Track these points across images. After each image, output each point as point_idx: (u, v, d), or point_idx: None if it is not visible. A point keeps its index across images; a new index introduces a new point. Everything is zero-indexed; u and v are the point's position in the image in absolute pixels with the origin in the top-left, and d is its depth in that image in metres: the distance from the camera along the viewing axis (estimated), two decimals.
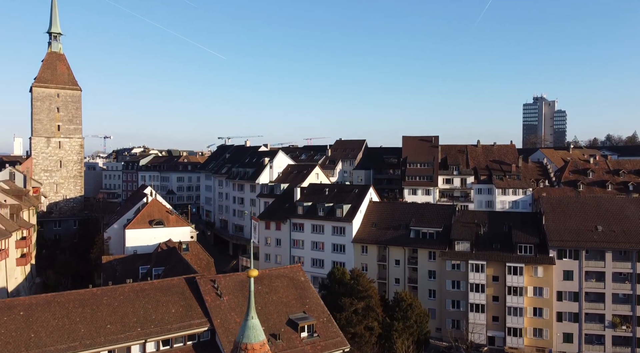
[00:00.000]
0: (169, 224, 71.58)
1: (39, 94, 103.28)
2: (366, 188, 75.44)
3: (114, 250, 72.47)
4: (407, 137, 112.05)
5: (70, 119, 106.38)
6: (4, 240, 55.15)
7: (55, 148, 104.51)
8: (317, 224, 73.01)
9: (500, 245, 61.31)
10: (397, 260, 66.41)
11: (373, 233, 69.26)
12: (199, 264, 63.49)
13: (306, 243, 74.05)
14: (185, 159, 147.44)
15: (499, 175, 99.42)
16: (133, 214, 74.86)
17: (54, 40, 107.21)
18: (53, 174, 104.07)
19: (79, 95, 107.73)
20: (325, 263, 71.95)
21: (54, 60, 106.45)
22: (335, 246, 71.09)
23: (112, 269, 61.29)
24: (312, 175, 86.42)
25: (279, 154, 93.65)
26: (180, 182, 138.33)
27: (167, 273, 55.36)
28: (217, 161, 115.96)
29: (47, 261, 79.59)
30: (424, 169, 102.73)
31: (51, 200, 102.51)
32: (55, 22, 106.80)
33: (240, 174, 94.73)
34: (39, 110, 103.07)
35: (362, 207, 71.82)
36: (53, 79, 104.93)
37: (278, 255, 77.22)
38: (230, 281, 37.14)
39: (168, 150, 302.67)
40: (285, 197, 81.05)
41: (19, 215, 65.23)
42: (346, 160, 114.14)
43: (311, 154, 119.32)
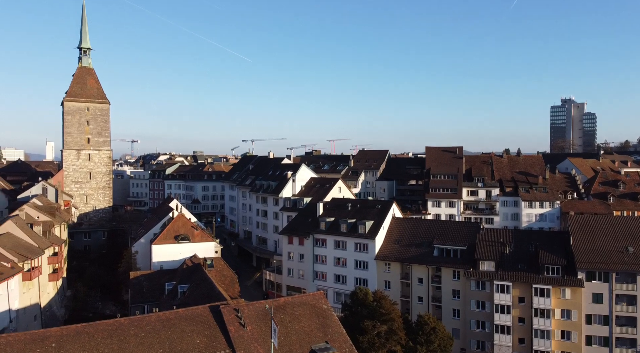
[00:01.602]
0: (194, 239, 72.72)
1: (70, 107, 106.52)
2: (389, 204, 75.17)
3: (141, 264, 74.10)
4: (431, 147, 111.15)
5: (99, 131, 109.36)
6: (38, 258, 57.10)
7: (85, 160, 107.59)
8: (339, 240, 73.14)
9: (526, 266, 60.25)
10: (420, 278, 65.92)
11: (396, 251, 68.96)
12: (223, 281, 64.45)
13: (329, 259, 74.23)
14: (210, 168, 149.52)
15: (525, 188, 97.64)
16: (159, 229, 76.35)
17: (84, 55, 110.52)
18: (83, 185, 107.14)
19: (107, 108, 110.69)
20: (348, 279, 72.03)
21: (84, 75, 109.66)
22: (358, 263, 71.05)
23: (139, 285, 62.64)
24: (335, 189, 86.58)
25: (302, 168, 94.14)
26: (205, 191, 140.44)
27: (192, 291, 56.48)
28: (241, 172, 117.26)
29: (77, 273, 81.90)
30: (447, 180, 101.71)
31: (81, 211, 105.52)
32: (85, 38, 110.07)
33: (264, 187, 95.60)
34: (69, 124, 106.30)
35: (385, 223, 71.62)
36: (83, 93, 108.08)
37: (301, 270, 77.66)
38: (254, 310, 37.55)
39: (193, 156, 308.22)
40: (308, 211, 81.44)
41: (51, 231, 67.43)
42: (369, 170, 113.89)
43: (334, 164, 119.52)
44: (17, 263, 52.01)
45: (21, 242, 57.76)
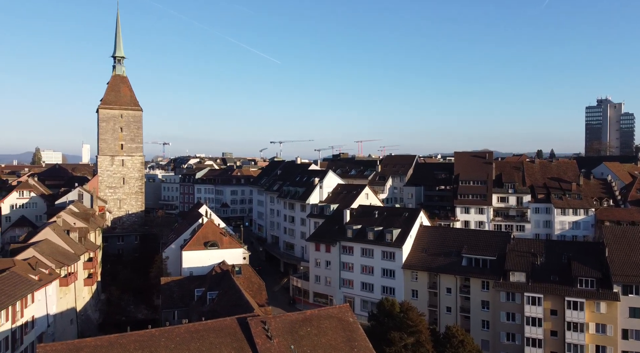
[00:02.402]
0: (223, 246, 73.85)
1: (105, 115, 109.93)
2: (416, 212, 74.58)
3: (171, 269, 75.75)
4: (459, 152, 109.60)
5: (132, 138, 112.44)
6: (74, 264, 59.23)
7: (119, 166, 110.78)
8: (366, 248, 73.01)
9: (558, 278, 58.70)
10: (448, 288, 65.14)
11: (423, 260, 68.36)
12: (250, 287, 65.30)
13: (355, 266, 74.19)
14: (239, 172, 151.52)
15: (557, 194, 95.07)
16: (189, 235, 77.88)
17: (118, 64, 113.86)
18: (117, 190, 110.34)
19: (140, 115, 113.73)
20: (375, 287, 71.82)
21: (118, 83, 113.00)
22: (385, 271, 70.75)
23: (169, 290, 64.17)
24: (362, 195, 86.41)
25: (328, 174, 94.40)
26: (233, 196, 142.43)
27: (220, 298, 57.44)
28: (269, 177, 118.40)
29: (111, 276, 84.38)
30: (477, 186, 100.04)
31: (115, 215, 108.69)
32: (119, 47, 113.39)
33: (291, 193, 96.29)
34: (104, 131, 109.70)
35: (412, 231, 71.09)
36: (117, 100, 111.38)
37: (328, 277, 77.86)
38: (281, 323, 37.99)
39: (223, 159, 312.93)
40: (334, 218, 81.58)
41: (87, 237, 69.80)
42: (396, 176, 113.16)
43: (361, 170, 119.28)
44: (54, 269, 54.12)
45: (58, 248, 60.05)
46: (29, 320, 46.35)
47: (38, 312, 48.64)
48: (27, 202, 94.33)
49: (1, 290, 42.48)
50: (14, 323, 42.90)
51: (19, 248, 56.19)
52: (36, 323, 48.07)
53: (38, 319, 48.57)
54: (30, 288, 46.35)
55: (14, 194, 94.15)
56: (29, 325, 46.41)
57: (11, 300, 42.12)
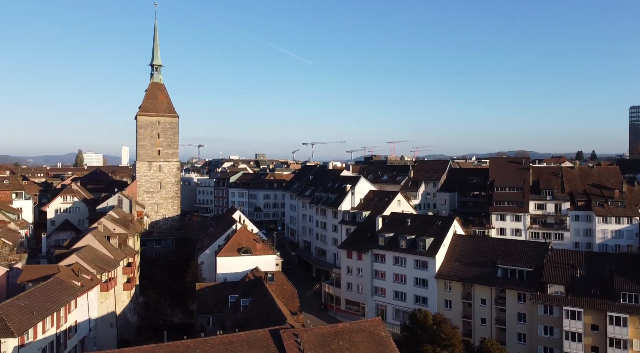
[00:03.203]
0: (256, 252, 74.80)
1: (143, 121, 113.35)
2: (450, 221, 73.52)
3: (206, 275, 77.32)
4: (495, 158, 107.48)
5: (169, 143, 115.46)
6: (114, 270, 61.40)
7: (156, 171, 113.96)
8: (398, 256, 72.47)
9: (599, 291, 56.64)
10: (483, 299, 63.88)
11: (457, 269, 67.30)
12: (283, 295, 65.95)
13: (388, 274, 73.76)
14: (272, 176, 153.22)
15: (599, 201, 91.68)
16: (224, 240, 79.31)
17: (155, 72, 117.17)
18: (154, 195, 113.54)
19: (176, 121, 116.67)
20: (407, 296, 71.22)
21: (155, 90, 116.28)
22: (418, 280, 70.05)
23: (204, 296, 65.55)
24: (394, 202, 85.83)
25: (360, 180, 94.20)
26: (266, 200, 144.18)
27: (253, 305, 58.38)
28: (301, 182, 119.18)
29: (148, 279, 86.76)
30: (513, 193, 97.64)
31: (152, 219, 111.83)
32: (157, 56, 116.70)
33: (323, 200, 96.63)
34: (142, 137, 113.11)
35: (446, 240, 70.12)
36: (154, 107, 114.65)
37: (360, 284, 77.72)
38: (313, 335, 38.27)
39: (256, 161, 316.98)
40: (366, 225, 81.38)
41: (126, 243, 72.19)
42: (429, 181, 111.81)
43: (393, 175, 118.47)
44: (96, 275, 56.25)
45: (99, 254, 62.36)
46: (72, 325, 48.34)
47: (80, 317, 50.65)
48: (70, 207, 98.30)
49: (47, 297, 44.54)
50: (59, 329, 44.88)
51: (63, 254, 58.68)
52: (79, 328, 50.08)
53: (80, 324, 50.57)
54: (74, 294, 48.35)
55: (58, 199, 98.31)
56: (72, 329, 48.40)
57: (56, 306, 44.09)
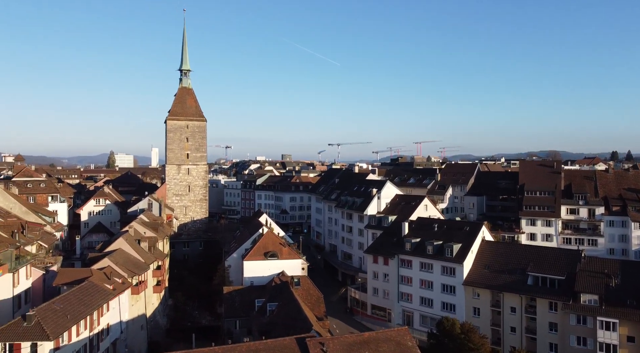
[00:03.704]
0: (282, 256, 75.30)
1: (172, 126, 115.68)
2: (478, 226, 72.32)
3: (233, 278, 78.31)
4: (525, 161, 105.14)
5: (197, 147, 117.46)
6: (144, 273, 62.84)
7: (185, 174, 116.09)
8: (425, 262, 71.71)
9: (636, 302, 54.68)
10: (512, 307, 62.56)
11: (486, 276, 66.12)
12: (309, 299, 66.15)
13: (414, 280, 73.06)
14: (298, 178, 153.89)
15: (635, 207, 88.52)
16: (250, 244, 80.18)
17: (184, 77, 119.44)
18: (183, 197, 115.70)
19: (204, 125, 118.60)
20: (434, 303, 70.40)
21: (184, 95, 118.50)
22: (445, 287, 69.16)
23: (231, 300, 66.38)
24: (421, 207, 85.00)
25: (387, 184, 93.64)
26: (292, 202, 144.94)
27: (279, 310, 58.76)
28: (327, 185, 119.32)
29: (177, 281, 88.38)
30: (544, 197, 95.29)
31: (181, 221, 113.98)
32: (185, 61, 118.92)
33: (349, 203, 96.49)
34: (171, 141, 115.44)
35: (474, 246, 69.01)
36: (183, 112, 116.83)
37: (386, 289, 77.27)
38: (339, 344, 38.30)
39: (282, 162, 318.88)
40: (393, 230, 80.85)
41: (156, 246, 73.77)
42: (457, 185, 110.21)
43: (420, 178, 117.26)
44: (127, 278, 57.70)
45: (130, 257, 63.94)
46: (105, 328, 49.72)
47: (112, 320, 52.05)
48: (102, 209, 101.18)
49: (80, 300, 45.96)
50: (92, 331, 46.24)
51: (96, 257, 60.42)
52: (111, 330, 51.48)
53: (112, 326, 51.97)
54: (106, 298, 49.73)
55: (91, 202, 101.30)
56: (105, 332, 49.79)
57: (89, 309, 45.44)
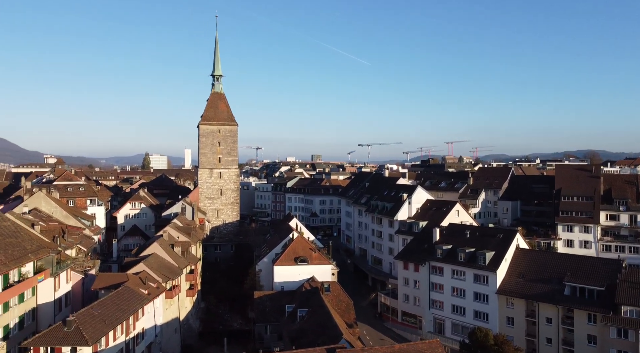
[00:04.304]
0: (312, 261, 75.57)
1: (204, 130, 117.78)
2: (512, 234, 70.62)
3: (264, 282, 79.10)
4: (561, 165, 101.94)
5: (229, 151, 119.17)
6: (178, 278, 64.26)
7: (217, 178, 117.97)
8: (457, 269, 70.58)
9: None
10: (548, 318, 60.80)
11: (520, 286, 64.50)
12: (339, 306, 66.20)
13: (446, 288, 72.02)
14: (327, 181, 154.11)
15: None
16: (281, 249, 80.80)
17: (216, 82, 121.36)
18: (215, 201, 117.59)
19: (235, 130, 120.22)
20: (467, 311, 69.20)
21: (216, 100, 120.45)
22: (478, 295, 67.87)
23: (262, 305, 67.07)
24: (452, 212, 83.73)
25: (417, 190, 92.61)
26: (322, 205, 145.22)
27: (310, 317, 59.02)
28: (357, 189, 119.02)
29: (209, 284, 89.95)
30: (581, 202, 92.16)
31: (213, 224, 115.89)
32: (217, 66, 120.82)
33: (379, 208, 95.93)
34: (204, 145, 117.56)
35: (508, 254, 67.43)
36: (215, 116, 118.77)
37: (416, 296, 76.46)
38: None
39: (312, 164, 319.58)
40: (423, 236, 79.93)
41: (189, 250, 75.31)
42: (490, 189, 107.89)
43: (451, 182, 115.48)
44: (161, 283, 59.14)
45: (164, 262, 65.51)
46: (140, 332, 51.12)
47: (147, 324, 53.45)
48: (138, 213, 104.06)
49: (117, 305, 47.40)
50: (128, 336, 47.63)
51: (131, 262, 62.22)
52: (146, 334, 52.88)
53: (147, 330, 53.37)
54: (141, 303, 51.11)
55: (127, 205, 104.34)
56: (140, 336, 51.20)
57: (125, 315, 46.82)
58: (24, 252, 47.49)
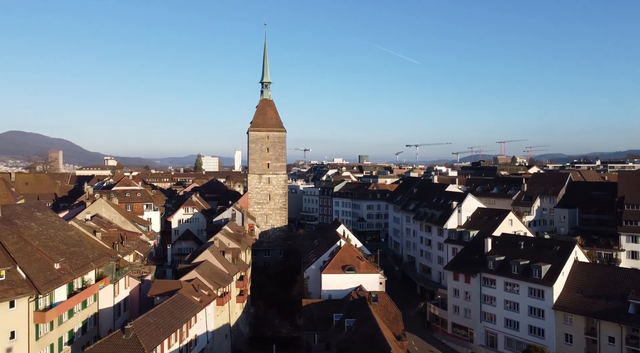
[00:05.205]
0: (360, 270, 75.30)
1: (254, 137, 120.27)
2: (570, 246, 67.33)
3: (311, 289, 79.68)
4: (625, 171, 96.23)
5: (277, 157, 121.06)
6: (228, 285, 65.94)
7: (265, 183, 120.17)
8: (510, 282, 68.15)
9: None
10: (611, 337, 57.50)
11: (579, 302, 61.40)
12: (387, 316, 65.64)
13: (498, 301, 69.72)
14: (375, 186, 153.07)
15: None
16: (328, 256, 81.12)
17: (265, 89, 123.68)
18: (263, 206, 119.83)
19: (284, 136, 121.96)
20: (521, 326, 66.68)
21: (265, 107, 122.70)
22: (532, 310, 65.23)
23: (310, 313, 67.59)
24: (505, 222, 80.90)
25: (467, 197, 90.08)
26: (369, 210, 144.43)
27: (357, 327, 58.89)
28: (404, 195, 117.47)
29: (258, 289, 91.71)
30: None
31: (262, 229, 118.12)
32: (266, 73, 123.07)
33: (428, 216, 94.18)
34: (253, 151, 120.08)
35: (565, 268, 64.36)
36: (264, 123, 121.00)
37: (467, 308, 74.54)
38: None
39: (359, 166, 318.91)
40: (474, 246, 77.76)
41: (239, 257, 77.11)
42: (545, 196, 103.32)
43: (504, 188, 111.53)
44: (212, 290, 60.90)
45: (215, 269, 67.41)
46: (193, 339, 52.88)
47: (199, 330, 55.22)
48: (191, 218, 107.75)
49: (172, 313, 49.26)
50: (181, 343, 49.40)
51: (185, 269, 64.43)
52: (198, 341, 54.65)
53: (199, 337, 55.13)
54: (194, 310, 52.87)
55: (181, 210, 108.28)
56: (193, 342, 52.96)
57: (179, 323, 48.59)
58: (87, 260, 50.33)
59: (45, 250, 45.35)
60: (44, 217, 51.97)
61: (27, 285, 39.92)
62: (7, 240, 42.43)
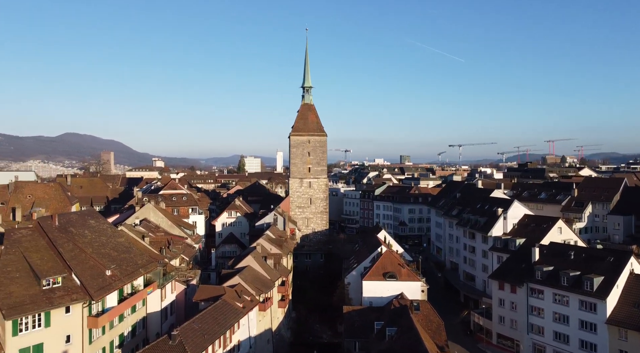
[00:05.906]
0: (401, 277, 74.62)
1: (295, 141, 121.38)
2: (625, 257, 63.91)
3: (352, 295, 79.63)
4: None
5: (318, 161, 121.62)
6: (270, 291, 66.93)
7: (307, 187, 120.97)
8: (559, 294, 65.51)
9: None
10: None
11: (635, 317, 58.15)
12: (429, 326, 64.75)
13: (546, 312, 67.14)
14: (416, 190, 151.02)
15: None
16: (369, 263, 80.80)
17: (306, 93, 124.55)
18: (304, 210, 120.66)
19: (324, 140, 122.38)
20: (571, 340, 63.97)
21: (306, 111, 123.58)
22: (584, 323, 62.42)
23: (351, 320, 67.70)
24: (554, 230, 77.83)
25: (514, 204, 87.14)
26: (411, 214, 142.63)
27: (398, 337, 58.37)
28: (447, 199, 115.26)
29: (299, 293, 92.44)
30: None
31: (303, 232, 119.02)
32: (307, 79, 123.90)
33: (472, 222, 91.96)
34: (294, 156, 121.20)
35: (620, 280, 61.16)
36: (305, 127, 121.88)
37: (513, 319, 72.24)
38: None
39: (400, 167, 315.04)
40: (521, 254, 75.18)
41: (280, 262, 78.08)
42: (598, 202, 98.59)
43: (553, 193, 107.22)
44: (255, 296, 61.99)
45: (258, 274, 68.55)
46: (236, 344, 54.06)
47: (242, 336, 56.37)
48: (234, 221, 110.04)
49: (215, 319, 50.51)
50: (225, 349, 50.58)
51: (228, 274, 65.87)
52: (241, 346, 55.81)
53: (242, 342, 56.29)
54: (237, 316, 54.01)
55: (225, 214, 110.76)
56: (236, 348, 54.14)
57: (223, 329, 49.77)
58: (136, 266, 52.43)
59: (97, 257, 47.61)
60: (96, 225, 54.55)
61: (81, 291, 42.06)
62: (63, 247, 44.87)
